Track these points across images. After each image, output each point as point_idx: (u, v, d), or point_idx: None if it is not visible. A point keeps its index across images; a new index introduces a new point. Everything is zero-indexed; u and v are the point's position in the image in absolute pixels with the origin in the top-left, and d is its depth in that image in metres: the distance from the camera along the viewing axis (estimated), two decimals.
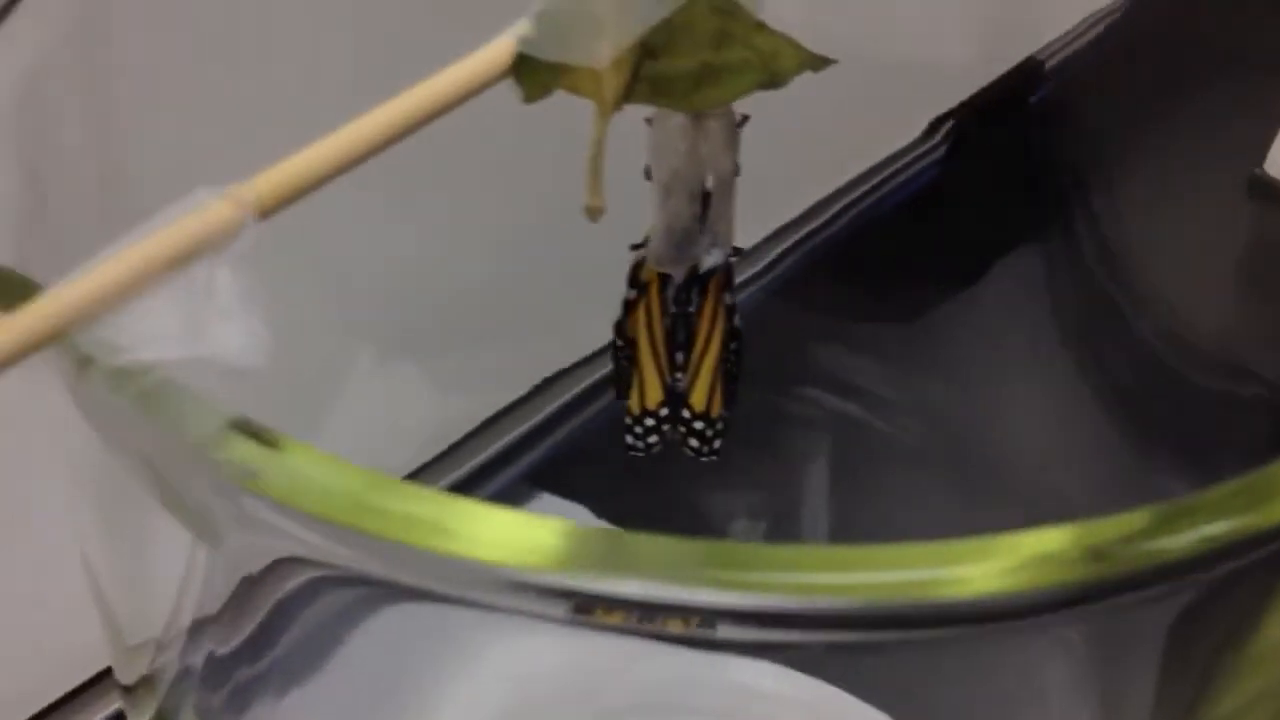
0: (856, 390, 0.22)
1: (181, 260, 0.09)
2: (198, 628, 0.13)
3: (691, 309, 0.15)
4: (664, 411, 0.17)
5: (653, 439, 0.17)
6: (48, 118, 0.13)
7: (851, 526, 0.21)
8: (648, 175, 0.16)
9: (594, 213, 0.12)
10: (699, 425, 0.17)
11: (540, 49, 0.11)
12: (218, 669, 0.14)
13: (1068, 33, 0.26)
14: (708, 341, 0.16)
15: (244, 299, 0.09)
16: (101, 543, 0.13)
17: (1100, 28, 0.26)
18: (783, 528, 0.22)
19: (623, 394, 0.18)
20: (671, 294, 0.15)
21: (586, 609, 0.08)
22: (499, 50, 0.11)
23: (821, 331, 0.23)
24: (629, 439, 0.17)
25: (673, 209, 0.13)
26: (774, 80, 0.12)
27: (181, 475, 0.09)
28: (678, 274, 0.14)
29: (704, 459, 0.17)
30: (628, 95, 0.11)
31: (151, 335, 0.09)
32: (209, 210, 0.09)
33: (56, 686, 0.19)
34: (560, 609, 0.08)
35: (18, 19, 0.13)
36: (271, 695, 0.16)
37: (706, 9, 0.12)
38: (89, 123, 0.14)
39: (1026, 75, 0.25)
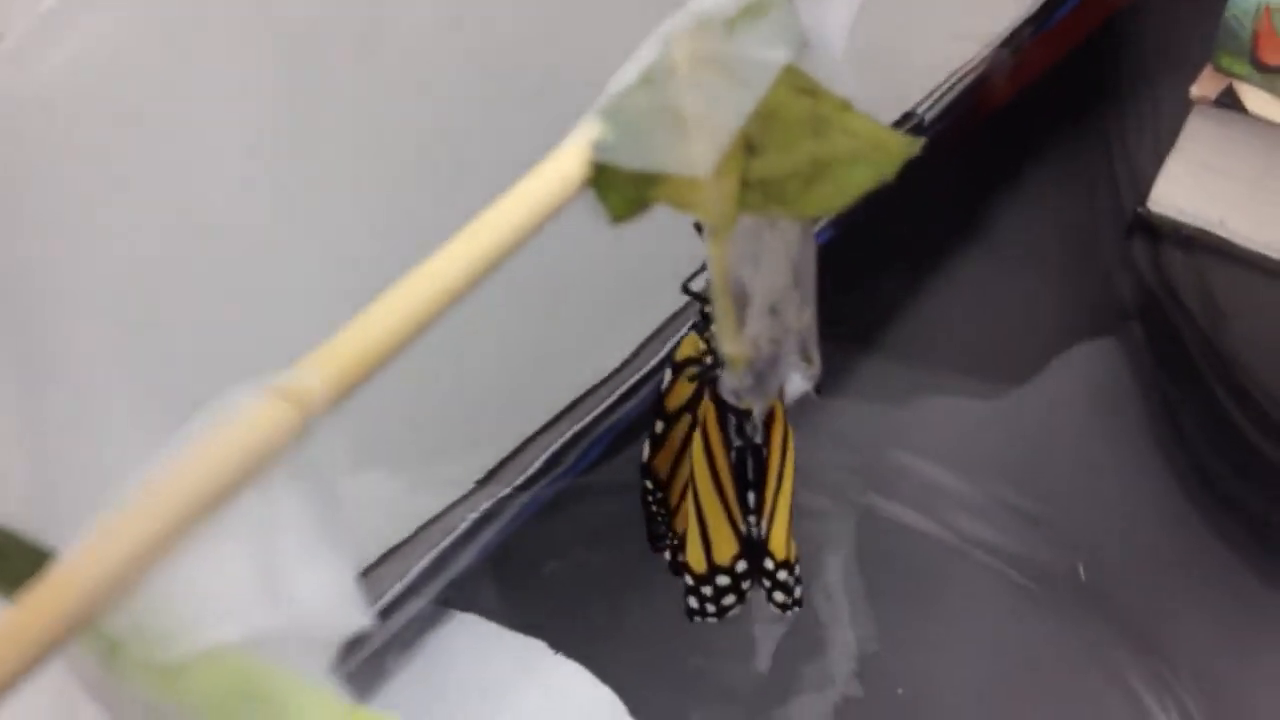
0: None
1: (233, 488, 0.07)
2: None
3: (759, 439, 0.13)
4: (741, 566, 0.14)
5: (728, 600, 0.14)
6: None
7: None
8: (684, 290, 0.13)
9: (737, 362, 0.10)
10: (783, 575, 0.14)
11: (621, 155, 0.09)
12: None
13: (936, 87, 0.26)
14: (780, 476, 0.13)
15: (322, 528, 0.07)
16: None
17: (970, 78, 0.26)
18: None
19: (661, 546, 0.15)
20: (735, 425, 0.13)
21: None
22: (569, 160, 0.09)
23: None
24: (693, 603, 0.14)
25: (753, 331, 0.10)
26: (885, 171, 0.10)
27: None
28: (759, 408, 0.12)
29: (788, 612, 0.14)
30: (740, 205, 0.09)
31: (213, 607, 0.06)
32: (257, 414, 0.07)
33: None
34: None
35: None
36: None
37: (789, 90, 0.10)
38: None
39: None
